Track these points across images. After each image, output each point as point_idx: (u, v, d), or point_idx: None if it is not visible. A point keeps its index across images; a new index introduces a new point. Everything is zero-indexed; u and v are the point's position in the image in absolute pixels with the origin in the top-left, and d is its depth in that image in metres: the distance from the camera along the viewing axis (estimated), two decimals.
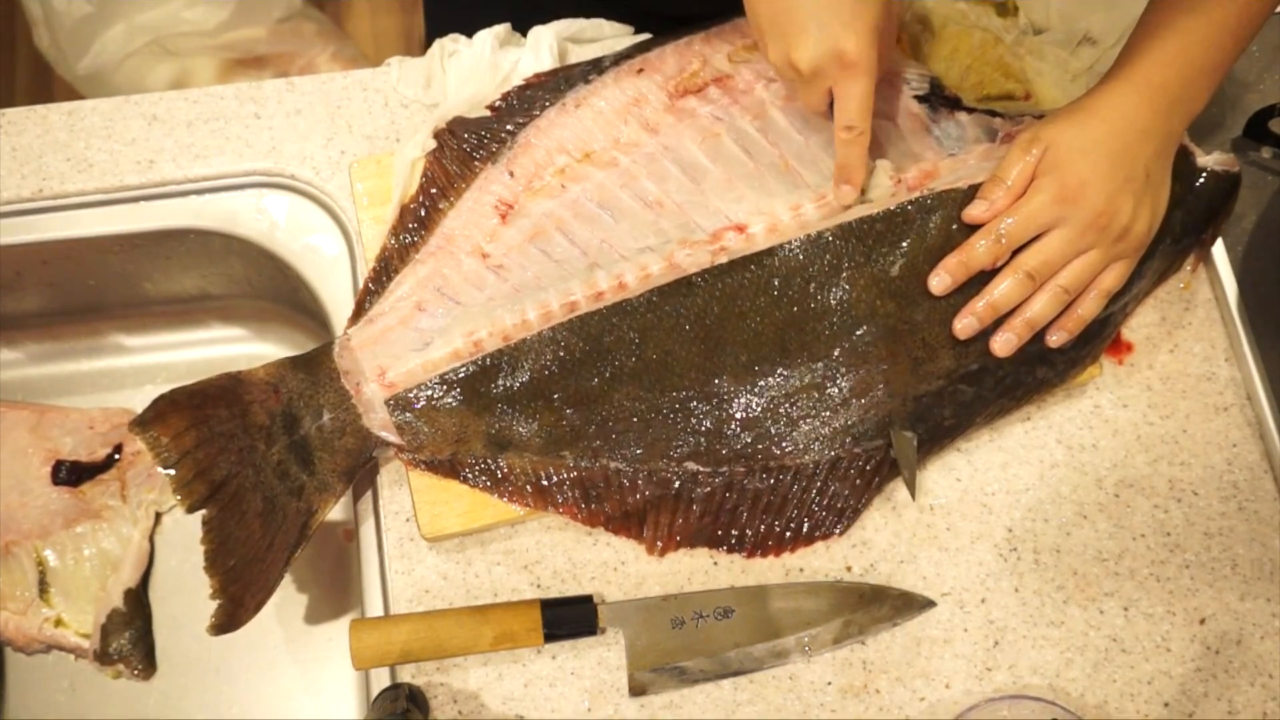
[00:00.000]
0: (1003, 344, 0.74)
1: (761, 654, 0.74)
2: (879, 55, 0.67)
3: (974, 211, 0.72)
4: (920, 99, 0.78)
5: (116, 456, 0.92)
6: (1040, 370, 0.78)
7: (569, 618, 0.72)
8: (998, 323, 0.75)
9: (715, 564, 0.77)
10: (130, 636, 0.88)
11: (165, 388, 0.70)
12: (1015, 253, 0.73)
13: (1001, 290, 0.72)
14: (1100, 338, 0.79)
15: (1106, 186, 0.70)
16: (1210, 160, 0.80)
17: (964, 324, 0.73)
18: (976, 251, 0.72)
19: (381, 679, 0.74)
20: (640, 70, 0.79)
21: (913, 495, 0.77)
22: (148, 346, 0.99)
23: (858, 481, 0.76)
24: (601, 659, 0.74)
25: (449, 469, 0.74)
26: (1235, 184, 0.81)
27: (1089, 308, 0.75)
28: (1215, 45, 0.72)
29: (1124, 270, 0.75)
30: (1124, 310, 0.81)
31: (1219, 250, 0.86)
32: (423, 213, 0.78)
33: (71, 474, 0.90)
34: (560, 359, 0.73)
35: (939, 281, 0.73)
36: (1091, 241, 0.72)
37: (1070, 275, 0.72)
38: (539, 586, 0.76)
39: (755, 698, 0.74)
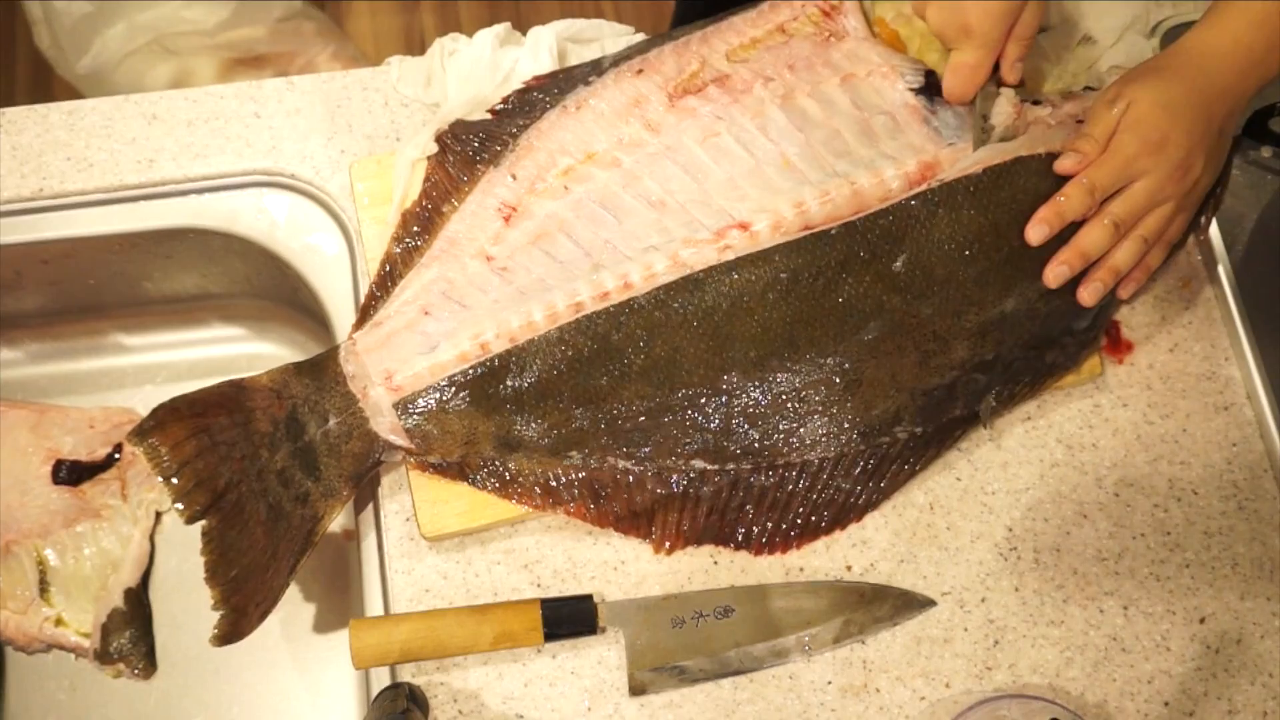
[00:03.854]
0: (1090, 292, 0.76)
1: (761, 653, 0.74)
2: (1006, 32, 0.75)
3: (1065, 164, 0.75)
4: (917, 91, 0.78)
5: (116, 456, 0.92)
6: (1051, 354, 0.78)
7: (569, 617, 0.72)
8: (990, 354, 0.76)
9: (715, 563, 0.77)
10: (130, 636, 0.88)
11: (165, 387, 0.70)
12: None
13: (1092, 239, 0.75)
14: (1105, 317, 0.81)
15: (1186, 142, 0.73)
16: None
17: (1055, 272, 0.75)
18: (1071, 202, 0.74)
19: (382, 678, 0.74)
20: (640, 71, 0.79)
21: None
22: (148, 346, 0.99)
23: (861, 477, 0.76)
24: (601, 658, 0.74)
25: (458, 472, 0.74)
26: (1232, 153, 0.82)
27: (1155, 258, 0.78)
28: None
29: (1184, 222, 0.78)
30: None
31: (1219, 250, 0.86)
32: (426, 216, 0.78)
33: (72, 473, 0.90)
34: (568, 359, 0.73)
35: (1037, 231, 0.74)
36: (1170, 194, 0.74)
37: (1149, 225, 0.75)
38: (539, 586, 0.76)
39: (755, 697, 0.74)
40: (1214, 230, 0.86)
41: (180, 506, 0.67)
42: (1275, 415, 0.82)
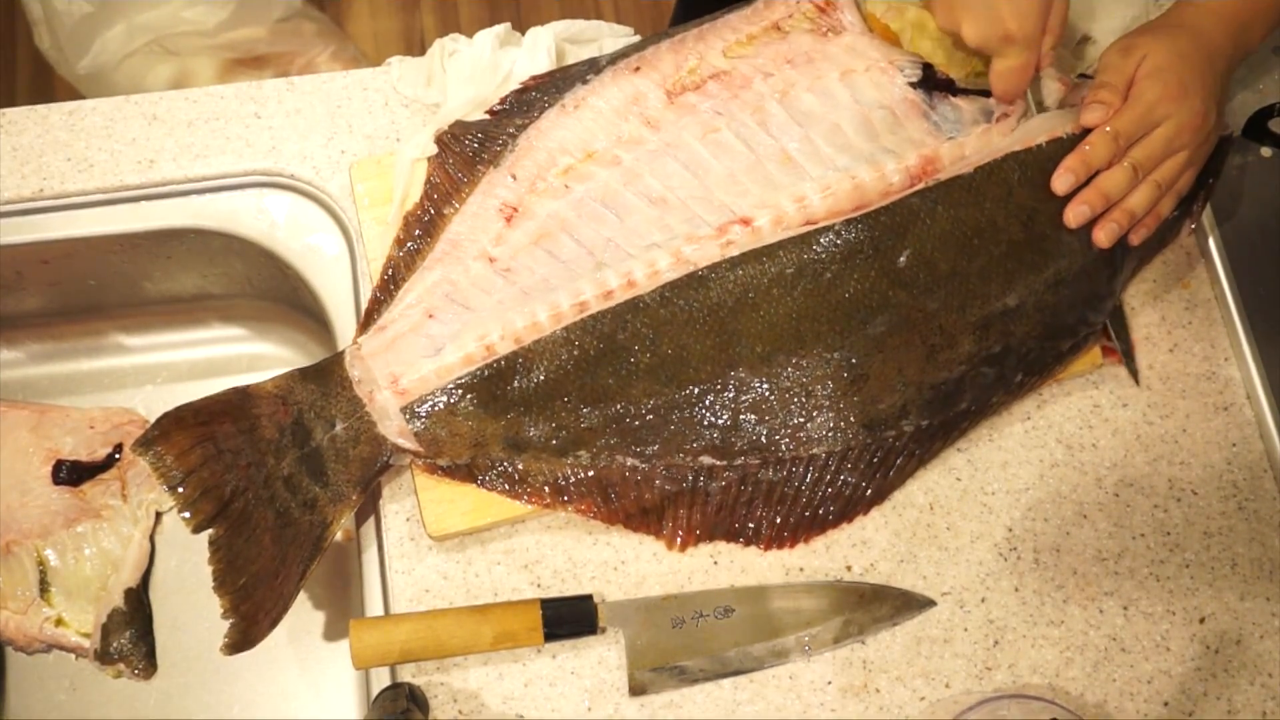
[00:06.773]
0: (1106, 234, 0.77)
1: (761, 653, 0.74)
2: (1044, 28, 0.75)
3: (1092, 116, 0.76)
4: (914, 85, 0.79)
5: (117, 456, 0.92)
6: (1064, 344, 0.79)
7: (569, 617, 0.72)
8: (997, 346, 0.76)
9: (715, 563, 0.77)
10: (131, 636, 0.88)
11: (166, 387, 0.69)
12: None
13: (1113, 180, 0.76)
14: (1113, 303, 0.81)
15: (1202, 91, 0.75)
16: None
17: (1076, 211, 0.76)
18: (1096, 149, 0.76)
19: (382, 678, 0.74)
20: (637, 69, 0.79)
21: (1135, 378, 0.83)
22: (148, 346, 0.99)
23: (867, 471, 0.76)
24: (601, 658, 0.74)
25: (467, 474, 0.74)
26: (1227, 145, 0.83)
27: (1165, 205, 0.79)
28: None
29: (1193, 175, 0.79)
30: (1129, 275, 0.83)
31: (1219, 251, 0.86)
32: (427, 219, 0.78)
33: (72, 473, 0.90)
34: (574, 359, 0.73)
35: (1063, 180, 0.76)
36: (1186, 141, 0.76)
37: (1164, 172, 0.77)
38: (539, 586, 0.76)
39: (755, 697, 0.74)
40: (1214, 230, 0.86)
41: (186, 516, 0.66)
42: (1275, 415, 0.82)
